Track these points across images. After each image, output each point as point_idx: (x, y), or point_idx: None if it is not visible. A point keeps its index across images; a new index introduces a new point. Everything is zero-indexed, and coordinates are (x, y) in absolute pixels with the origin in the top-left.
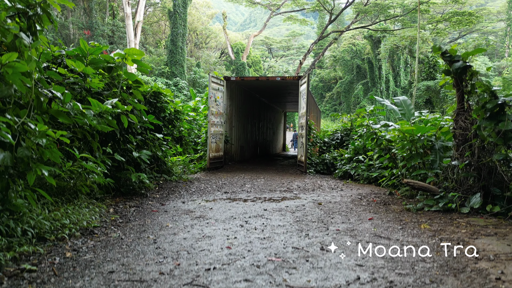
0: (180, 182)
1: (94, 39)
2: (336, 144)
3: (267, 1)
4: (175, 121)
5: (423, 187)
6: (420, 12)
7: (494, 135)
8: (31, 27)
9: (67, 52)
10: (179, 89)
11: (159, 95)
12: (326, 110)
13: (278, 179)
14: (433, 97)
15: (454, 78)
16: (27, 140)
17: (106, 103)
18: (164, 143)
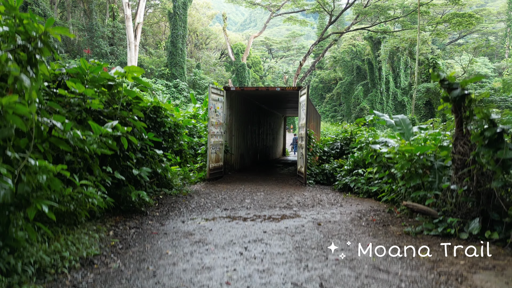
0: (180, 196)
1: (94, 40)
2: (336, 154)
3: (267, 2)
4: (175, 135)
5: (422, 210)
6: (420, 13)
7: (492, 163)
8: (31, 58)
9: (67, 70)
10: (179, 91)
11: (159, 109)
12: (326, 111)
13: (278, 192)
14: (433, 99)
15: (452, 104)
16: (27, 174)
17: (106, 125)
18: (164, 159)
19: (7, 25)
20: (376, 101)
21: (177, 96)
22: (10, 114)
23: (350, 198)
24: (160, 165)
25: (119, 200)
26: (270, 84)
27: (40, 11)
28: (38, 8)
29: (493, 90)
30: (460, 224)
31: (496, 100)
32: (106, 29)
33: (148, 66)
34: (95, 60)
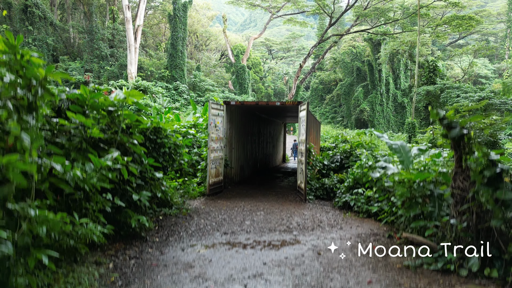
0: (180, 217)
1: (94, 43)
2: (336, 167)
3: (267, 3)
4: (175, 155)
5: (422, 242)
6: (420, 15)
7: (492, 202)
8: (31, 104)
9: (68, 96)
10: (179, 93)
11: (159, 130)
12: (326, 112)
13: (278, 211)
14: (433, 102)
15: (452, 142)
16: (27, 223)
17: (106, 158)
18: (164, 182)
19: (10, 71)
20: (376, 102)
21: (177, 98)
22: (11, 172)
23: (350, 218)
24: (160, 188)
25: (119, 225)
26: (270, 85)
27: (40, 13)
28: (38, 10)
29: (493, 93)
30: (460, 260)
31: (496, 103)
32: (106, 31)
33: (148, 68)
34: (95, 63)
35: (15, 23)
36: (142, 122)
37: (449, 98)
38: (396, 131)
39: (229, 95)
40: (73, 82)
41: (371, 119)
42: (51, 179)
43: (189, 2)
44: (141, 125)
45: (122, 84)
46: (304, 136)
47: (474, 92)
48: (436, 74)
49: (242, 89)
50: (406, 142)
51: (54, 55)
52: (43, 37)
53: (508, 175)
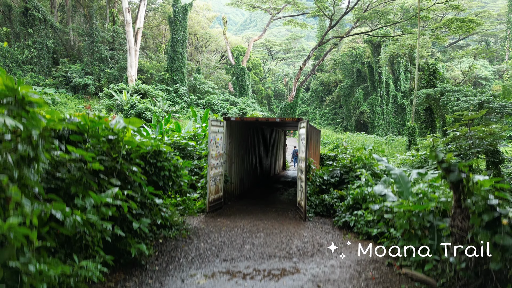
0: (180, 239)
1: (95, 45)
2: (336, 182)
3: (267, 5)
4: (175, 178)
5: (421, 279)
6: (420, 18)
7: (490, 246)
8: (32, 158)
9: (68, 125)
10: (179, 96)
11: (159, 153)
12: (326, 113)
13: (278, 232)
14: (433, 105)
15: (450, 183)
16: (29, 278)
17: (106, 194)
18: (164, 209)
19: (11, 116)
20: (376, 104)
21: (177, 101)
22: (12, 236)
23: (350, 240)
24: (160, 214)
25: (119, 253)
26: (270, 86)
27: (40, 16)
28: (38, 13)
29: (493, 96)
30: None
31: (496, 106)
32: (106, 34)
33: (148, 71)
34: (95, 66)
35: (15, 26)
36: (142, 147)
37: (449, 101)
38: (396, 133)
39: (229, 97)
40: (74, 85)
41: (371, 120)
42: (51, 224)
43: (189, 5)
44: (141, 149)
45: (122, 88)
46: (304, 154)
47: (474, 96)
48: (436, 77)
49: (242, 91)
50: (406, 146)
51: (54, 58)
52: (43, 40)
53: (506, 218)
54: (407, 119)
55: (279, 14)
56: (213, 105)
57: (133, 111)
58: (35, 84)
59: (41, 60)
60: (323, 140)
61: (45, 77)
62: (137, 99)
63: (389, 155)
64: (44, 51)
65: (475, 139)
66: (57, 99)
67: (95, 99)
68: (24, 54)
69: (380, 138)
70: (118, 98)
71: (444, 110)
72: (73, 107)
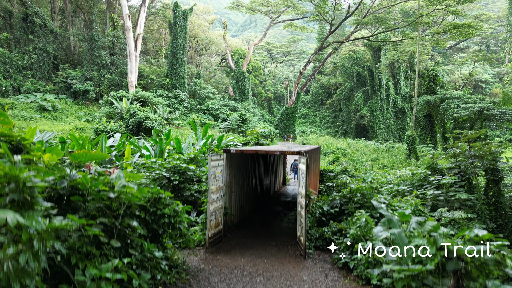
0: (180, 285)
1: (95, 51)
2: (336, 213)
3: (267, 9)
4: (175, 223)
5: None
6: (419, 23)
7: None
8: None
9: (69, 183)
10: (179, 101)
11: (159, 200)
12: (326, 116)
13: (277, 276)
14: (433, 111)
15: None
16: None
17: (107, 266)
18: (164, 263)
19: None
20: (376, 108)
21: (177, 106)
22: None
23: (349, 286)
24: (160, 267)
25: None
26: (270, 88)
27: (41, 22)
28: (38, 19)
29: (493, 103)
30: None
31: (495, 114)
32: (106, 39)
33: (148, 76)
34: (95, 71)
35: (16, 32)
36: (142, 199)
37: (449, 108)
38: (396, 136)
39: (229, 102)
40: (74, 91)
41: (371, 124)
42: None
43: (189, 10)
44: (142, 200)
45: (122, 95)
46: (304, 190)
47: (474, 103)
48: (436, 83)
49: (243, 95)
50: (406, 154)
51: (54, 63)
52: (43, 46)
53: None
54: (407, 122)
55: (279, 17)
56: (213, 111)
57: (133, 119)
58: (35, 90)
59: (42, 65)
60: (323, 150)
61: (45, 83)
62: (137, 108)
63: (389, 165)
64: (44, 56)
65: (475, 158)
66: (57, 105)
67: (95, 105)
68: (25, 59)
69: (380, 145)
70: (118, 105)
71: (444, 117)
72: (73, 114)
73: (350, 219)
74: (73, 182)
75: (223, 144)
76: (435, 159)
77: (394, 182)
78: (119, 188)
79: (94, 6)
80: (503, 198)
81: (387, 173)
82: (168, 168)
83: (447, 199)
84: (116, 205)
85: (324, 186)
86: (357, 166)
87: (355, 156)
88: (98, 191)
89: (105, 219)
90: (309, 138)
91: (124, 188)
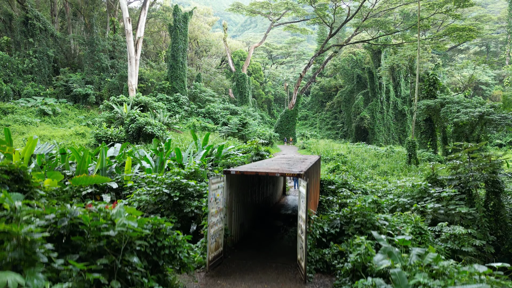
0: None
1: (95, 54)
2: (336, 234)
3: (268, 11)
4: (175, 253)
5: None
6: (420, 27)
7: None
8: None
9: (70, 222)
10: (179, 105)
11: (159, 232)
12: (326, 118)
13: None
14: (433, 116)
15: None
16: None
17: None
18: None
19: None
20: (377, 110)
21: (177, 110)
22: None
23: None
24: None
25: None
26: (270, 90)
27: (41, 25)
28: (38, 22)
29: (493, 107)
30: None
31: (495, 118)
32: (106, 42)
33: (148, 79)
34: (96, 75)
35: (16, 35)
36: (143, 232)
37: (449, 112)
38: (396, 138)
39: (229, 106)
40: (74, 95)
41: (371, 126)
42: None
43: (189, 13)
44: (142, 234)
45: (122, 100)
46: (304, 215)
47: (474, 107)
48: (436, 87)
49: (243, 98)
50: (406, 160)
51: (54, 67)
52: (43, 49)
53: None
54: (407, 125)
55: (280, 20)
56: (213, 114)
57: (133, 125)
58: (35, 94)
59: (42, 69)
60: (323, 157)
61: (45, 87)
62: (138, 113)
63: (389, 171)
64: (44, 60)
65: (475, 171)
66: (57, 109)
67: (95, 108)
68: (25, 63)
69: (380, 149)
70: (118, 110)
71: (444, 121)
72: (74, 118)
73: (351, 241)
74: (73, 220)
75: (223, 153)
76: (435, 170)
77: (394, 193)
78: (120, 227)
79: (94, 10)
80: (503, 210)
81: (387, 180)
82: (169, 184)
83: (447, 213)
84: (117, 241)
85: (324, 197)
86: (357, 174)
87: (355, 163)
88: (99, 229)
89: (105, 260)
90: (309, 142)
91: (125, 226)
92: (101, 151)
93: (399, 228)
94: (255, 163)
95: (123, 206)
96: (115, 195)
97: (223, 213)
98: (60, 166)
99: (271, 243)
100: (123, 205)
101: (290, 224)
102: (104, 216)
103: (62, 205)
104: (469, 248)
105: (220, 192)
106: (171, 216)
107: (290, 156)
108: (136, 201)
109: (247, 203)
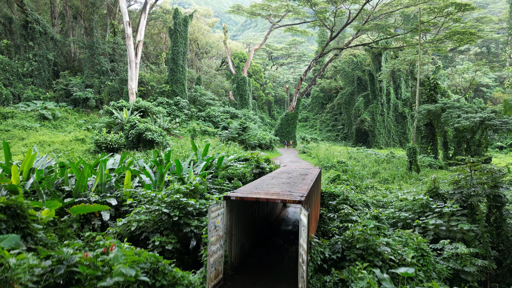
0: None
1: (95, 58)
2: (337, 259)
3: (268, 12)
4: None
5: None
6: (420, 30)
7: None
8: None
9: (66, 270)
10: (179, 108)
11: (157, 270)
12: (326, 119)
13: None
14: (434, 120)
15: None
16: None
17: None
18: None
19: None
20: (377, 112)
21: (177, 114)
22: None
23: None
24: None
25: None
26: (271, 91)
27: (41, 29)
28: (38, 26)
29: (494, 112)
30: None
31: (496, 123)
32: (106, 45)
33: (148, 83)
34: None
35: (16, 39)
36: (142, 261)
37: (450, 118)
38: (396, 141)
39: (230, 109)
40: (74, 98)
41: (371, 129)
42: None
43: (189, 16)
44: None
45: (122, 105)
46: (305, 245)
47: (475, 112)
48: (437, 92)
49: (243, 100)
50: (407, 166)
51: (54, 70)
52: (43, 53)
53: None
54: (407, 127)
55: (280, 22)
56: (213, 118)
57: (133, 131)
58: (35, 98)
59: (42, 72)
60: (323, 164)
61: (45, 90)
62: (138, 119)
63: (390, 178)
64: (44, 63)
65: (477, 186)
66: (57, 113)
67: (95, 112)
68: (25, 67)
69: (380, 154)
70: (118, 116)
71: (445, 126)
72: (74, 122)
73: (352, 269)
74: (70, 268)
75: (224, 164)
76: (437, 183)
77: (395, 206)
78: (117, 275)
79: (94, 13)
80: (505, 224)
81: (388, 190)
82: (168, 203)
83: (449, 229)
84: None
85: (324, 209)
86: (358, 183)
87: (355, 171)
88: (96, 277)
89: None
90: (309, 147)
91: (122, 275)
92: (100, 165)
93: (401, 252)
94: (255, 184)
95: (121, 249)
96: (114, 211)
97: (223, 240)
98: (60, 180)
99: (271, 267)
100: (120, 249)
101: (290, 242)
102: (101, 265)
103: (59, 250)
104: (471, 268)
105: (220, 219)
106: (171, 236)
107: (291, 169)
108: (135, 221)
109: (248, 223)
